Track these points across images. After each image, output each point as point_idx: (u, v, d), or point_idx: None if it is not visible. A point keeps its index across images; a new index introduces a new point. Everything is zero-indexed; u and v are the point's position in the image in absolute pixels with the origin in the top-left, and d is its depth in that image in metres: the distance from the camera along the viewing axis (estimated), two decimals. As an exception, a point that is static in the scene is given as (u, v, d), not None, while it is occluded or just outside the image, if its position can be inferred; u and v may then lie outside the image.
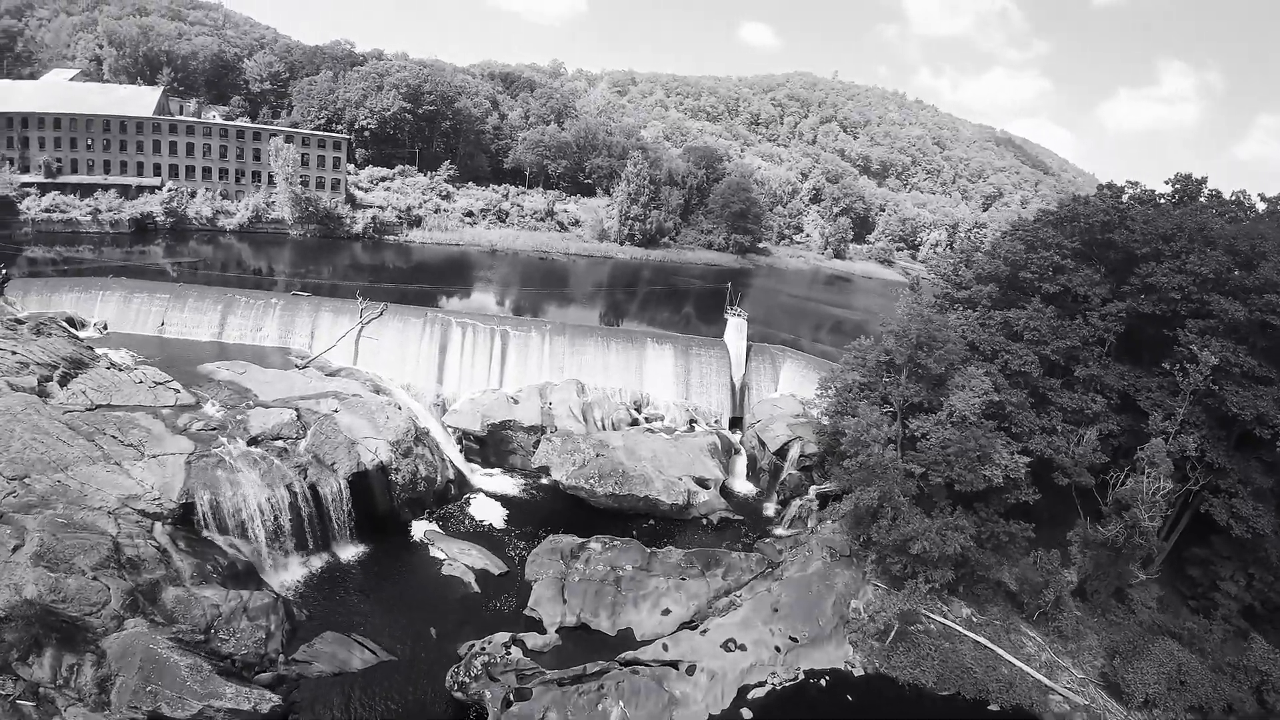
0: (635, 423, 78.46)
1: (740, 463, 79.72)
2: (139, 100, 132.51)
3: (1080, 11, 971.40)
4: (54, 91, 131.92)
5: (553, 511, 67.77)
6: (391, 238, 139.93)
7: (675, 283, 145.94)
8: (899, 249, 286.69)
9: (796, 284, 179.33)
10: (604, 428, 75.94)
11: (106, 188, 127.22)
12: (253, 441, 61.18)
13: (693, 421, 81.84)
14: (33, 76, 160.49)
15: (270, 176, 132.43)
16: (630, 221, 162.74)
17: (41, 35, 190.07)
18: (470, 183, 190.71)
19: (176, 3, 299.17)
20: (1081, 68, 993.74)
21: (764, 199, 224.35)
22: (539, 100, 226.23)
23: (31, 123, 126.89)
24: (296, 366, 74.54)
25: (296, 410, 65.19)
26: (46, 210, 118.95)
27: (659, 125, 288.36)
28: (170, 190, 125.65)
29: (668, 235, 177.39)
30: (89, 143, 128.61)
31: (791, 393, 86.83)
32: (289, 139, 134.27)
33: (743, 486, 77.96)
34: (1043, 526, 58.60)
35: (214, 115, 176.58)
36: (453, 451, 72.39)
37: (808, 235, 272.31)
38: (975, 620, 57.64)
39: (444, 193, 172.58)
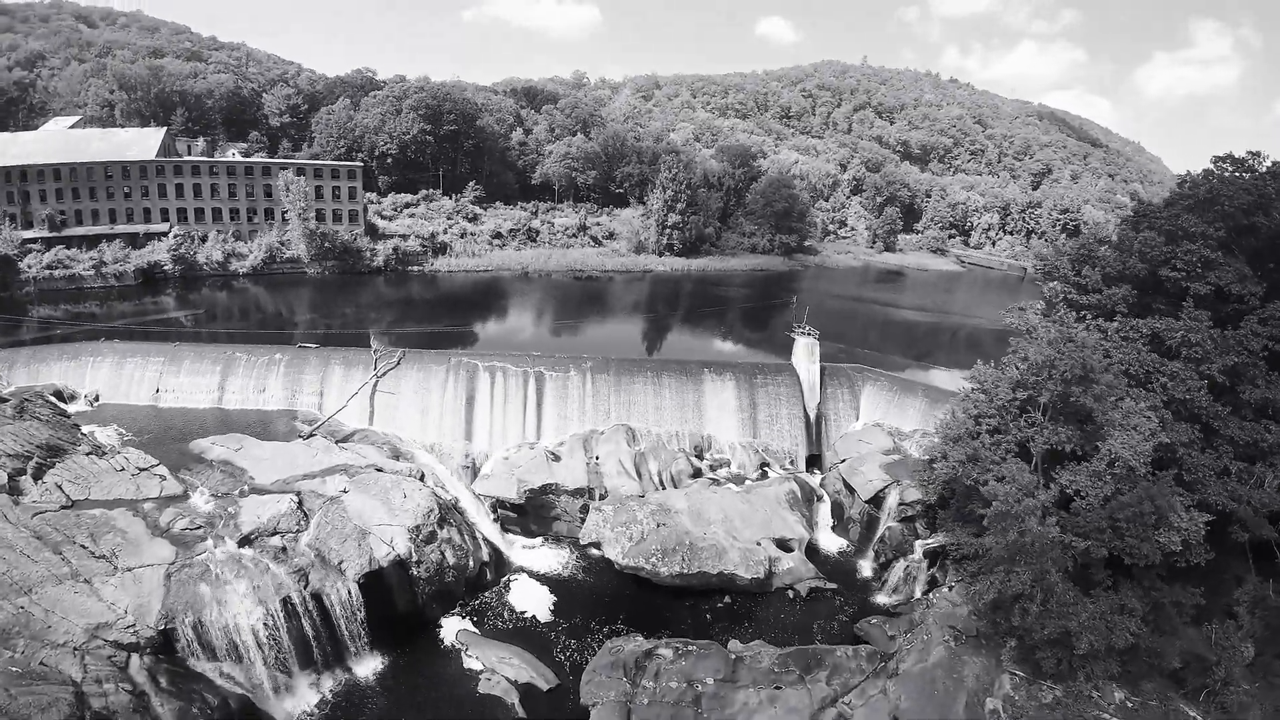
0: (698, 473, 66.16)
1: (824, 511, 67.08)
2: (142, 143, 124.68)
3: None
4: (53, 141, 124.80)
5: (608, 593, 56.10)
6: (415, 268, 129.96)
7: (722, 294, 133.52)
8: (950, 236, 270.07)
9: (849, 283, 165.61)
10: (662, 483, 63.90)
11: (113, 237, 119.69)
12: (245, 541, 50.63)
13: (764, 466, 69.38)
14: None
15: (284, 213, 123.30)
16: (668, 230, 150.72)
17: (54, 85, 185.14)
18: (498, 202, 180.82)
19: (197, 45, 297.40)
20: (1113, 35, 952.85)
21: (805, 194, 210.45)
22: (564, 111, 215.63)
23: (31, 175, 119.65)
24: (300, 437, 63.70)
25: (298, 495, 54.54)
26: (49, 267, 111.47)
27: (688, 127, 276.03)
28: (176, 236, 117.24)
29: (708, 241, 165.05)
30: (92, 191, 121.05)
31: (876, 421, 74.06)
32: (300, 171, 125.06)
33: (830, 541, 65.28)
34: (1199, 580, 45.78)
35: (233, 153, 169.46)
36: (486, 524, 61.14)
37: (853, 229, 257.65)
38: (1130, 705, 45.04)
39: (470, 215, 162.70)
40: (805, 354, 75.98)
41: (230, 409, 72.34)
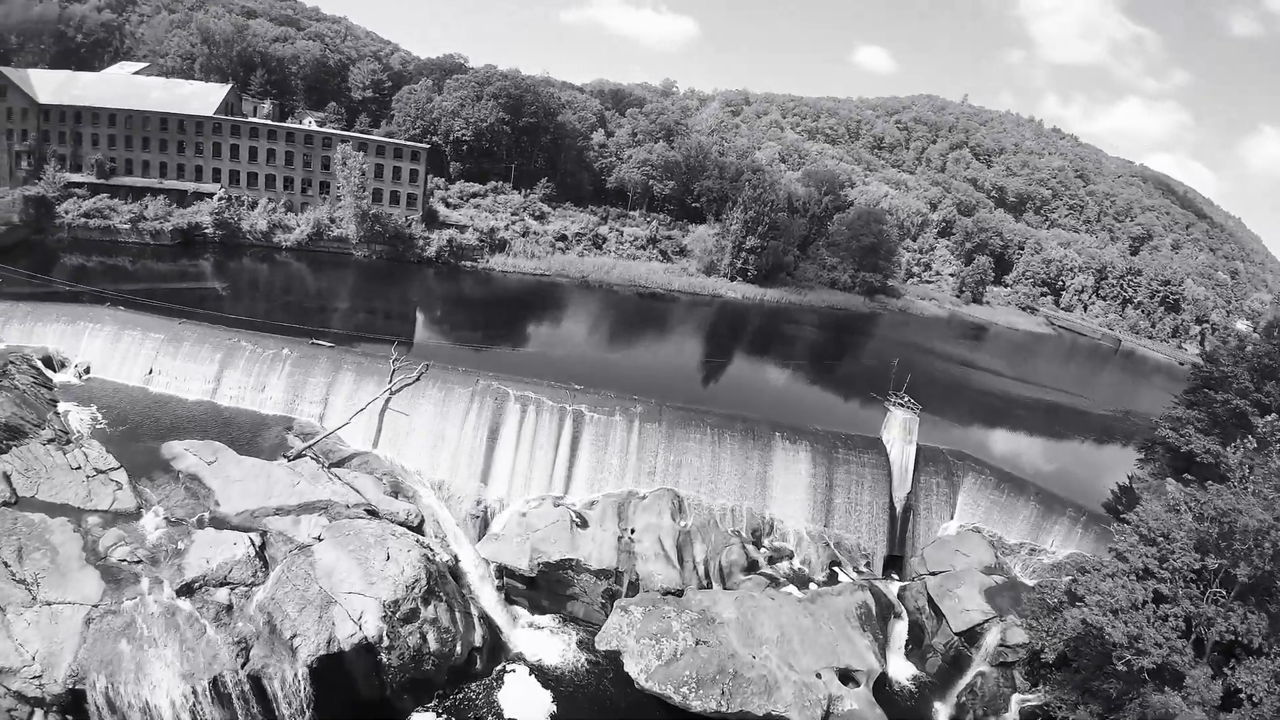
0: (752, 565, 53.94)
1: (900, 632, 54.23)
2: (203, 98, 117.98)
3: (1221, 41, 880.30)
4: (114, 84, 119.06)
5: (621, 712, 44.34)
6: (469, 264, 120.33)
7: (797, 333, 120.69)
8: (1042, 294, 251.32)
9: (935, 335, 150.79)
10: (708, 575, 51.98)
11: (160, 192, 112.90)
12: (186, 588, 40.68)
13: (834, 565, 56.69)
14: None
15: (339, 189, 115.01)
16: (744, 254, 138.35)
17: (141, 31, 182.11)
18: (568, 203, 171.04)
19: (299, 13, 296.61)
20: (1222, 101, 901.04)
21: (894, 232, 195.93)
22: (648, 116, 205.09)
23: (85, 117, 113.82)
24: (285, 456, 53.59)
25: (261, 536, 44.42)
26: (86, 215, 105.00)
27: (774, 147, 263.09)
28: (220, 199, 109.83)
29: (785, 270, 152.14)
30: (145, 142, 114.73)
31: (975, 525, 60.96)
32: (361, 147, 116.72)
33: (902, 670, 52.50)
34: None
35: (309, 121, 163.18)
36: (487, 593, 50.20)
37: (937, 273, 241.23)
38: None
39: (537, 212, 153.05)
40: (901, 431, 63.12)
41: (223, 405, 63.04)
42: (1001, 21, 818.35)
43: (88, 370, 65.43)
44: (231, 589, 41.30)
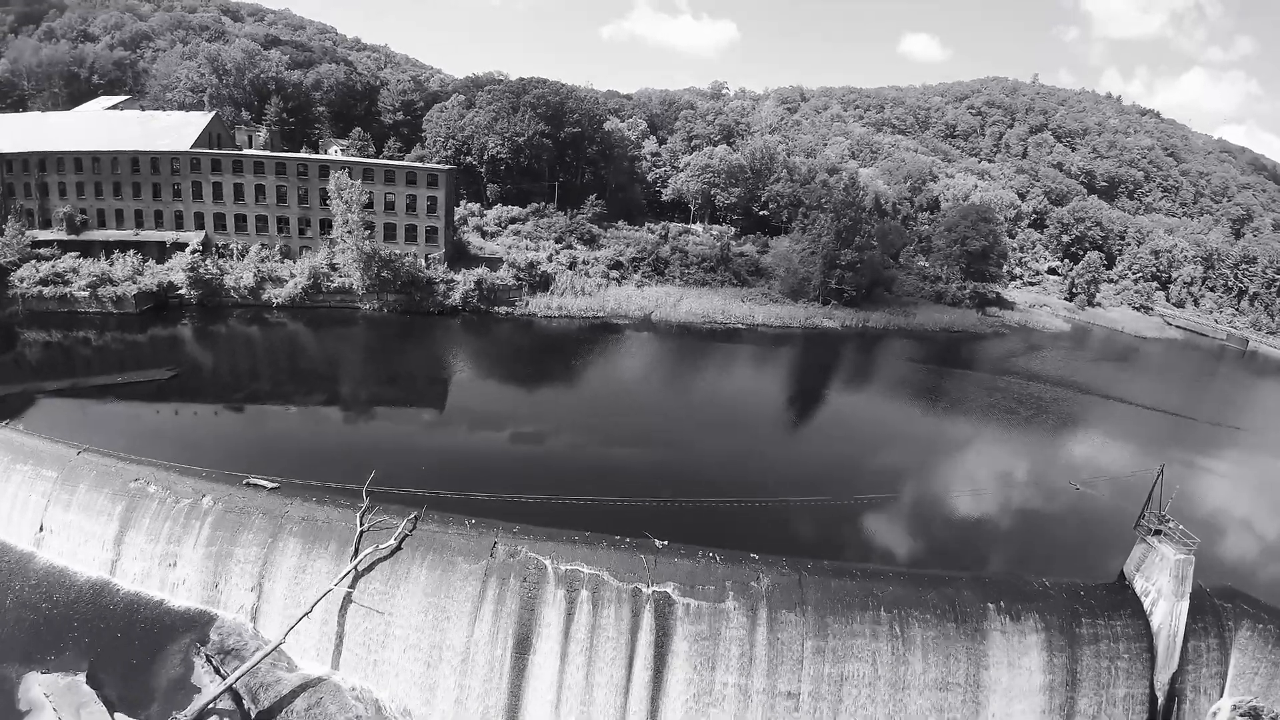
0: None
1: None
2: (179, 131, 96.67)
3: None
4: (83, 124, 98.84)
5: None
6: (503, 309, 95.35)
7: (922, 375, 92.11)
8: (1155, 289, 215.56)
9: (1078, 359, 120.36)
10: None
11: (136, 246, 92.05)
12: None
13: None
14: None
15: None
16: (838, 271, 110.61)
17: (155, 67, 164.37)
18: (620, 221, 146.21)
19: (339, 44, 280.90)
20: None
21: (1003, 231, 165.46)
22: (705, 119, 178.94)
23: (50, 164, 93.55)
24: (198, 698, 29.26)
25: None
26: (43, 282, 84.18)
27: (843, 142, 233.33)
28: (194, 252, 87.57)
29: (883, 286, 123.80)
30: (116, 188, 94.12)
31: (1251, 699, 33.34)
32: (366, 174, 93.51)
33: None
34: None
35: (335, 151, 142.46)
36: None
37: (1037, 273, 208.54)
38: None
39: (587, 234, 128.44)
40: (1171, 580, 35.97)
41: (122, 588, 40.30)
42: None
43: (-55, 529, 42.80)
44: None
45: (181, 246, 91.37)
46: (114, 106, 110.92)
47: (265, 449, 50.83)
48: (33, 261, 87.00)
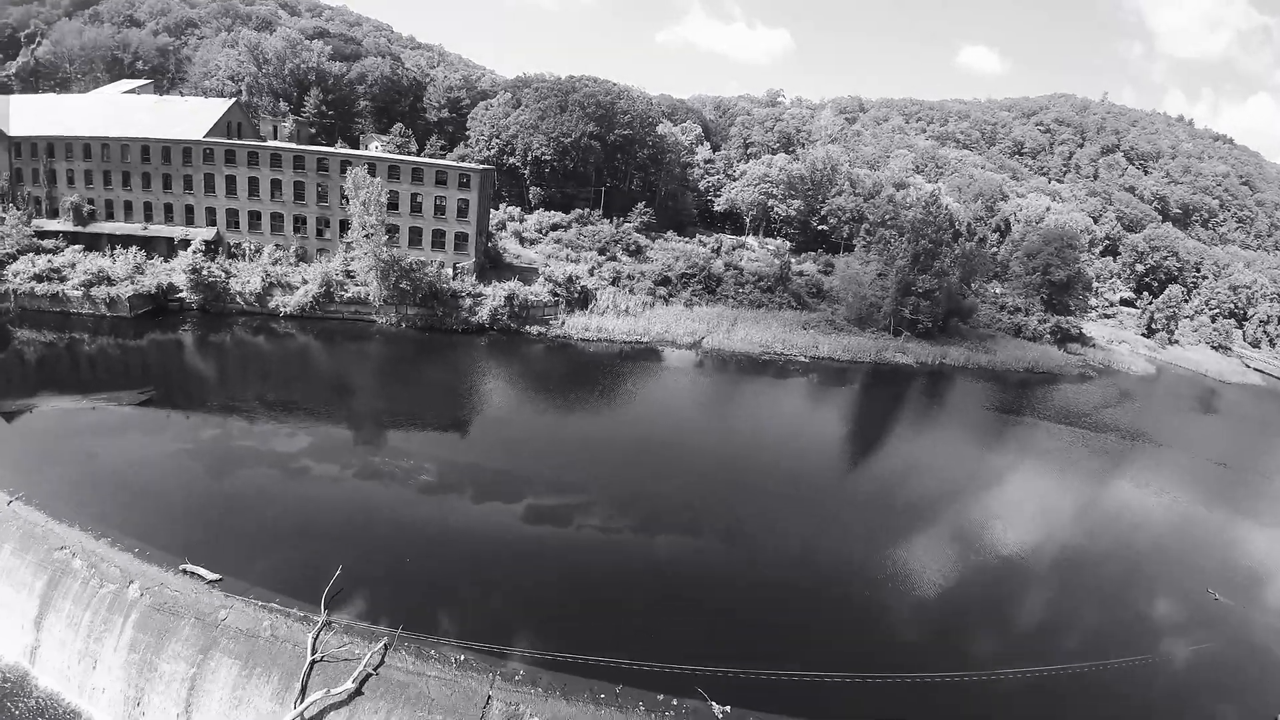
0: None
1: None
2: (194, 118, 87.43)
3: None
4: (96, 109, 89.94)
5: None
6: (536, 329, 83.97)
7: (1027, 431, 78.23)
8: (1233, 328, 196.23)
9: (1171, 405, 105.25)
10: None
11: (143, 242, 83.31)
12: None
13: None
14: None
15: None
16: (913, 299, 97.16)
17: (198, 55, 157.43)
18: (669, 231, 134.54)
19: (395, 42, 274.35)
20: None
21: (1087, 259, 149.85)
22: (763, 125, 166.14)
23: (59, 150, 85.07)
24: None
25: None
26: (38, 278, 75.53)
27: (906, 155, 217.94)
28: (196, 252, 77.92)
29: (958, 316, 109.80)
30: (125, 178, 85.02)
31: None
32: (392, 173, 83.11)
33: None
34: None
35: (375, 146, 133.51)
36: None
37: (1110, 304, 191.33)
38: None
39: (633, 245, 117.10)
40: None
41: (41, 684, 31.94)
42: (1118, 13, 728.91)
43: None
44: None
45: (190, 244, 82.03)
46: (132, 91, 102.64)
47: (221, 511, 40.08)
48: (30, 255, 78.55)
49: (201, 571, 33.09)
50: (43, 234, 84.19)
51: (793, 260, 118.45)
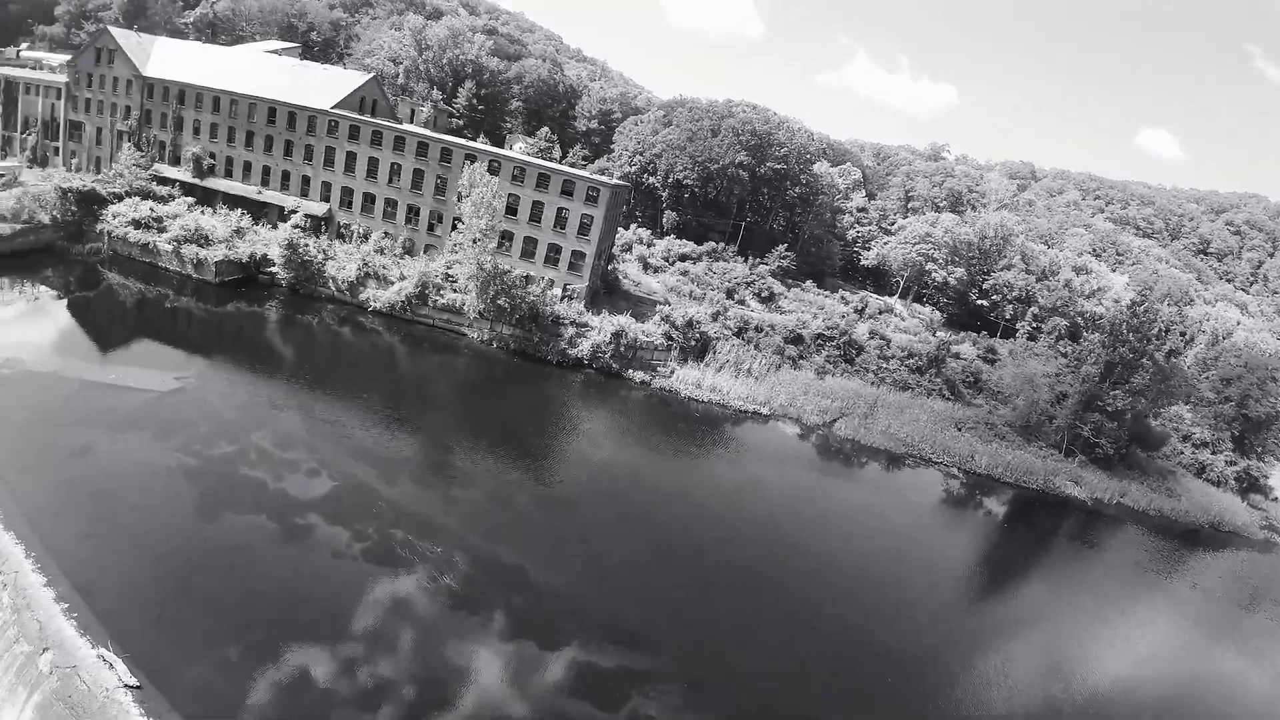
0: None
1: None
2: (328, 87, 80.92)
3: None
4: (234, 64, 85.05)
5: None
6: (640, 376, 71.58)
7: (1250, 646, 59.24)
8: None
9: None
10: None
11: (254, 206, 77.60)
12: None
13: None
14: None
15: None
16: (1097, 417, 78.77)
17: (367, 33, 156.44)
18: (808, 281, 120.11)
19: (563, 53, 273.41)
20: None
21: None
22: (929, 179, 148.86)
23: (188, 98, 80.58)
24: None
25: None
26: (135, 224, 70.33)
27: (1084, 235, 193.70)
28: (295, 228, 70.50)
29: (1142, 443, 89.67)
30: (248, 138, 79.53)
31: None
32: (515, 174, 73.35)
33: None
34: None
35: (519, 147, 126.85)
36: None
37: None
38: None
39: (766, 291, 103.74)
40: None
41: None
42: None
43: None
44: None
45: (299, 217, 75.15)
46: (274, 52, 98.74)
47: (184, 576, 29.82)
48: (134, 198, 73.72)
49: (120, 668, 24.27)
50: (161, 180, 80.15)
51: (950, 339, 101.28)
